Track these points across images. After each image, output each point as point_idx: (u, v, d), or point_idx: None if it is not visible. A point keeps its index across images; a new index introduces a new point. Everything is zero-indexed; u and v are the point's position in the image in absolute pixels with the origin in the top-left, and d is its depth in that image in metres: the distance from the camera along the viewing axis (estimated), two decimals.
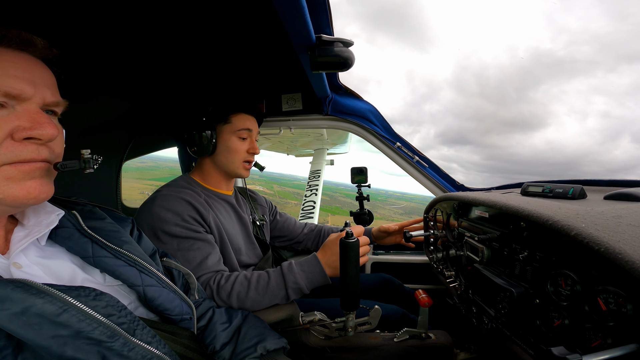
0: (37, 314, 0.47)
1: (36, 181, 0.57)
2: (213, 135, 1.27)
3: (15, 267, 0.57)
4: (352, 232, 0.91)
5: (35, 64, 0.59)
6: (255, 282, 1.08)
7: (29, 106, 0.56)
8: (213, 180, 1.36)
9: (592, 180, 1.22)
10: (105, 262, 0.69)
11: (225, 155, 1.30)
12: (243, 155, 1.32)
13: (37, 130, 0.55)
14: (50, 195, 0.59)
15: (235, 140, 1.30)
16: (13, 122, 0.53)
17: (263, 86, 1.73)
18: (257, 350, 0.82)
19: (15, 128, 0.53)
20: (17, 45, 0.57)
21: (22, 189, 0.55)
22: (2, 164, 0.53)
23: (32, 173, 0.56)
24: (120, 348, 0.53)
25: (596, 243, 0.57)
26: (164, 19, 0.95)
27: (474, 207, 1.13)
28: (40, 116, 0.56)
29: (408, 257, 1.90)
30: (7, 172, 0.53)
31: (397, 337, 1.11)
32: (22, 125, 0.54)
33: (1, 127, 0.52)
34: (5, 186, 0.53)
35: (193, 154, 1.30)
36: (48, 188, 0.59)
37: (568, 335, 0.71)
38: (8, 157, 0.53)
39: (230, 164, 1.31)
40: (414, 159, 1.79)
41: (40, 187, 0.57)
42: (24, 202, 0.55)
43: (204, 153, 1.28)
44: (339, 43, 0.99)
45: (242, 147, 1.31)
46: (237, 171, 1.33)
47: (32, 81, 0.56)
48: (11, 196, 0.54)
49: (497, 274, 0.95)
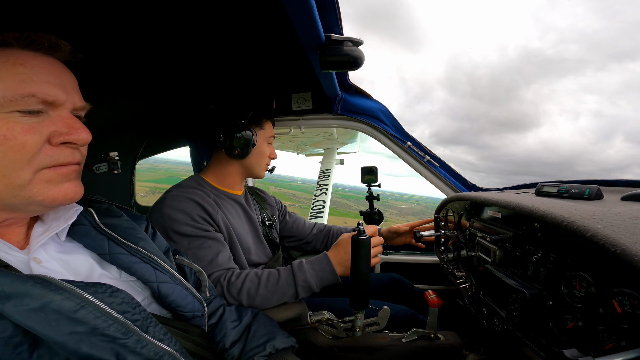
0: (55, 310, 0.48)
1: (72, 183, 0.60)
2: (253, 139, 1.31)
3: (35, 262, 0.58)
4: (365, 229, 0.92)
5: (63, 69, 0.61)
6: (266, 280, 1.09)
7: (62, 112, 0.58)
8: (229, 181, 1.39)
9: (609, 181, 1.19)
10: (121, 258, 0.70)
11: (256, 159, 1.37)
12: (267, 160, 1.42)
13: (74, 135, 0.57)
14: (81, 195, 0.62)
15: (265, 145, 1.39)
16: (50, 127, 0.55)
17: (273, 86, 1.74)
18: (266, 348, 0.83)
19: (52, 133, 0.56)
20: (46, 49, 0.58)
21: (60, 190, 0.57)
22: (42, 168, 0.55)
23: (69, 175, 0.59)
24: (133, 345, 0.53)
25: (612, 245, 0.56)
26: (175, 20, 0.96)
27: (486, 208, 1.11)
28: (74, 121, 0.58)
29: (418, 257, 1.88)
30: (46, 176, 0.55)
31: (406, 337, 1.10)
32: (59, 130, 0.56)
33: (40, 133, 0.54)
34: (45, 189, 0.56)
35: (231, 155, 1.30)
36: (80, 189, 0.62)
37: (581, 338, 0.69)
38: (47, 161, 0.55)
39: (257, 166, 1.39)
40: (424, 158, 1.78)
41: (75, 188, 0.60)
42: (61, 202, 0.58)
43: (245, 155, 1.32)
44: (349, 42, 0.99)
45: (268, 151, 1.41)
46: (260, 173, 1.42)
47: (63, 87, 0.58)
48: (50, 198, 0.56)
49: (510, 275, 0.93)
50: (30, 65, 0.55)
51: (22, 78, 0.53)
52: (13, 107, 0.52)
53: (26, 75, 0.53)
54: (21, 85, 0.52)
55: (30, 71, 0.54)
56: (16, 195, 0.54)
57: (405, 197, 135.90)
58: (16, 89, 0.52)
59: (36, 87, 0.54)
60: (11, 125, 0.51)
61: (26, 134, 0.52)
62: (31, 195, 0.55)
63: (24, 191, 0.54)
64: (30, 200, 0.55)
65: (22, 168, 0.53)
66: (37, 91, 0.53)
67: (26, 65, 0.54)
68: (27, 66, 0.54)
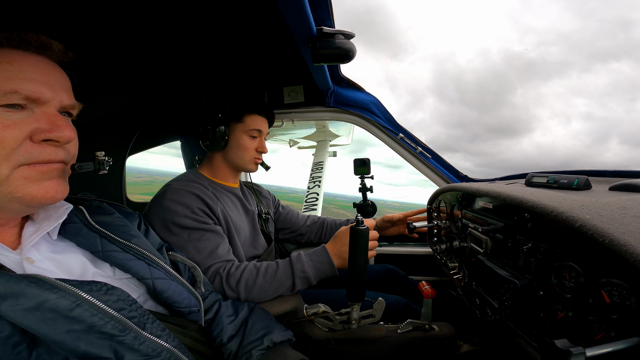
0: (51, 309, 0.48)
1: (54, 181, 0.59)
2: (226, 132, 1.33)
3: (27, 262, 0.58)
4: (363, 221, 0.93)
5: (53, 68, 0.61)
6: (264, 271, 1.10)
7: (47, 109, 0.57)
8: (221, 174, 1.41)
9: (597, 171, 1.21)
10: (115, 256, 0.70)
11: (235, 152, 1.37)
12: (252, 153, 1.39)
13: (55, 133, 0.56)
14: (65, 195, 0.61)
15: (245, 138, 1.36)
16: (32, 124, 0.55)
17: (265, 79, 1.72)
18: (264, 342, 0.83)
19: (34, 130, 0.55)
20: (35, 49, 0.58)
21: (41, 188, 0.57)
22: (20, 164, 0.54)
23: (50, 174, 0.58)
24: (131, 342, 0.54)
25: (600, 234, 0.57)
26: (164, 13, 0.94)
27: (477, 198, 1.12)
28: (58, 119, 0.58)
29: (412, 248, 1.90)
30: (25, 172, 0.55)
31: (401, 328, 1.12)
32: (42, 127, 0.56)
33: (21, 129, 0.54)
34: (23, 185, 0.55)
35: (205, 147, 1.37)
36: (64, 188, 0.61)
37: (571, 328, 0.71)
38: (27, 158, 0.54)
39: (240, 160, 1.38)
40: (417, 149, 1.78)
41: (57, 187, 0.59)
42: (41, 201, 0.57)
43: (216, 148, 1.34)
44: (340, 35, 0.98)
45: (252, 145, 1.38)
46: (246, 166, 1.40)
47: (50, 85, 0.58)
48: (29, 195, 0.55)
49: (501, 265, 0.95)
50: (17, 63, 0.55)
51: (8, 75, 0.53)
52: None
53: (12, 72, 0.54)
54: (5, 82, 0.53)
55: (17, 69, 0.55)
56: None
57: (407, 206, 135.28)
58: (0, 86, 0.52)
59: (20, 84, 0.54)
60: None
61: (5, 130, 0.52)
62: (10, 191, 0.54)
63: (2, 187, 0.53)
64: (9, 197, 0.55)
65: (0, 163, 0.52)
66: (20, 88, 0.54)
67: (13, 64, 0.55)
68: (14, 64, 0.55)
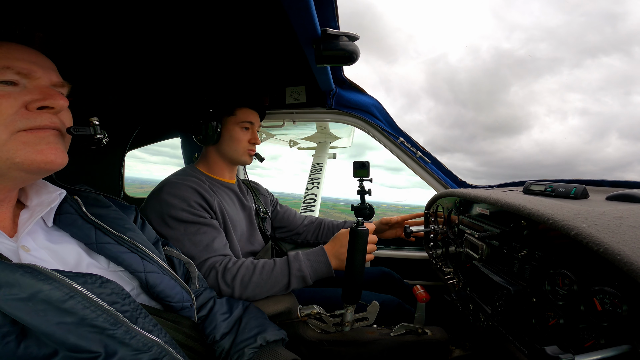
0: (44, 300, 0.48)
1: (52, 146, 0.60)
2: (218, 126, 1.36)
3: (23, 250, 0.58)
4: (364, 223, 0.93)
5: (38, 53, 0.64)
6: (261, 268, 1.10)
7: (39, 83, 0.60)
8: (217, 169, 1.43)
9: (594, 181, 1.22)
10: (109, 248, 0.70)
11: (228, 144, 1.38)
12: (245, 145, 1.40)
13: (49, 100, 0.59)
14: (64, 163, 0.62)
15: (238, 130, 1.38)
16: (26, 95, 0.58)
17: (267, 79, 1.72)
18: (257, 340, 0.83)
19: (29, 100, 0.58)
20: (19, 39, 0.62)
21: (39, 152, 0.58)
22: (18, 130, 0.56)
23: (47, 138, 0.59)
24: (122, 336, 0.54)
25: (595, 243, 0.57)
26: (171, 12, 0.94)
27: (475, 204, 1.13)
28: (50, 90, 0.61)
29: (408, 252, 1.91)
30: (23, 138, 0.56)
31: (394, 331, 1.12)
32: (35, 97, 0.58)
33: (16, 99, 0.56)
34: (22, 150, 0.56)
35: (199, 142, 1.39)
36: (63, 155, 0.62)
37: (562, 335, 0.71)
38: (24, 124, 0.56)
39: (234, 152, 1.40)
40: (416, 154, 1.79)
41: (55, 151, 0.60)
42: (40, 165, 0.58)
43: (209, 141, 1.37)
44: (344, 37, 0.98)
45: (244, 137, 1.40)
46: (240, 158, 1.41)
47: (39, 64, 0.61)
48: (28, 159, 0.56)
49: (496, 271, 0.95)
50: (5, 47, 0.59)
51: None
52: None
53: (2, 54, 0.58)
54: None
55: (7, 51, 0.59)
56: None
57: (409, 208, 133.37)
58: None
59: (11, 62, 0.57)
60: None
61: (1, 99, 0.55)
62: (8, 157, 0.55)
63: (1, 152, 0.55)
64: (9, 162, 0.56)
65: None
66: (12, 64, 0.57)
67: (2, 48, 0.59)
68: (2, 48, 0.59)
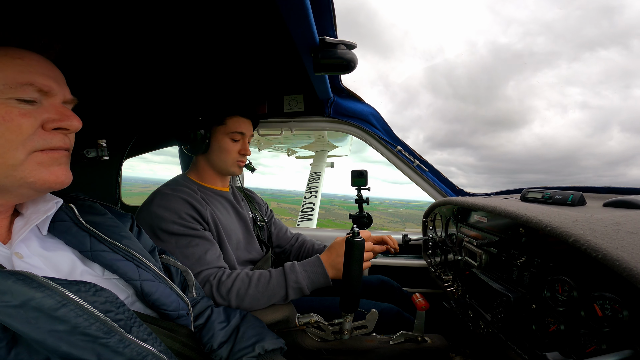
0: (36, 308, 0.48)
1: (62, 167, 0.62)
2: (207, 135, 1.31)
3: (17, 257, 0.58)
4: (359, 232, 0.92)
5: (54, 65, 0.65)
6: (257, 280, 1.08)
7: (54, 101, 0.62)
8: (208, 177, 1.40)
9: (591, 187, 1.23)
10: (103, 256, 0.69)
11: (217, 155, 1.34)
12: (235, 156, 1.36)
13: (66, 122, 0.61)
14: (70, 181, 0.63)
15: (227, 141, 1.34)
16: (44, 114, 0.59)
17: (265, 87, 1.74)
18: (255, 349, 0.82)
19: (46, 120, 0.59)
20: (38, 48, 0.63)
21: (52, 173, 0.59)
22: (34, 150, 0.57)
23: (60, 159, 0.61)
24: (115, 345, 0.53)
25: (594, 250, 0.57)
26: (168, 18, 0.95)
27: (473, 212, 1.13)
28: (65, 110, 0.62)
29: (406, 260, 1.90)
30: (38, 158, 0.58)
31: (393, 340, 1.11)
32: (52, 117, 0.59)
33: (35, 118, 0.57)
34: (36, 170, 0.57)
35: (187, 151, 1.35)
36: (70, 174, 0.63)
37: (563, 341, 0.71)
38: (40, 144, 0.58)
39: (222, 163, 1.35)
40: (414, 162, 1.80)
41: (65, 172, 0.62)
42: (51, 186, 0.60)
43: (197, 151, 1.33)
44: (342, 45, 1.00)
45: (234, 148, 1.35)
46: (229, 169, 1.37)
47: (56, 79, 0.62)
48: (41, 180, 0.58)
49: (495, 279, 0.95)
50: (27, 59, 0.59)
51: (20, 69, 0.57)
52: (11, 95, 0.55)
53: (24, 67, 0.58)
54: (20, 74, 0.56)
55: (28, 64, 0.58)
56: (8, 176, 0.56)
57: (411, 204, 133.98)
58: (15, 78, 0.56)
59: (34, 77, 0.58)
60: (9, 109, 0.55)
61: (22, 117, 0.56)
62: (23, 176, 0.56)
63: (16, 171, 0.56)
64: (21, 181, 0.57)
65: (17, 148, 0.55)
66: (34, 80, 0.57)
67: (24, 59, 0.58)
68: (24, 59, 0.58)
